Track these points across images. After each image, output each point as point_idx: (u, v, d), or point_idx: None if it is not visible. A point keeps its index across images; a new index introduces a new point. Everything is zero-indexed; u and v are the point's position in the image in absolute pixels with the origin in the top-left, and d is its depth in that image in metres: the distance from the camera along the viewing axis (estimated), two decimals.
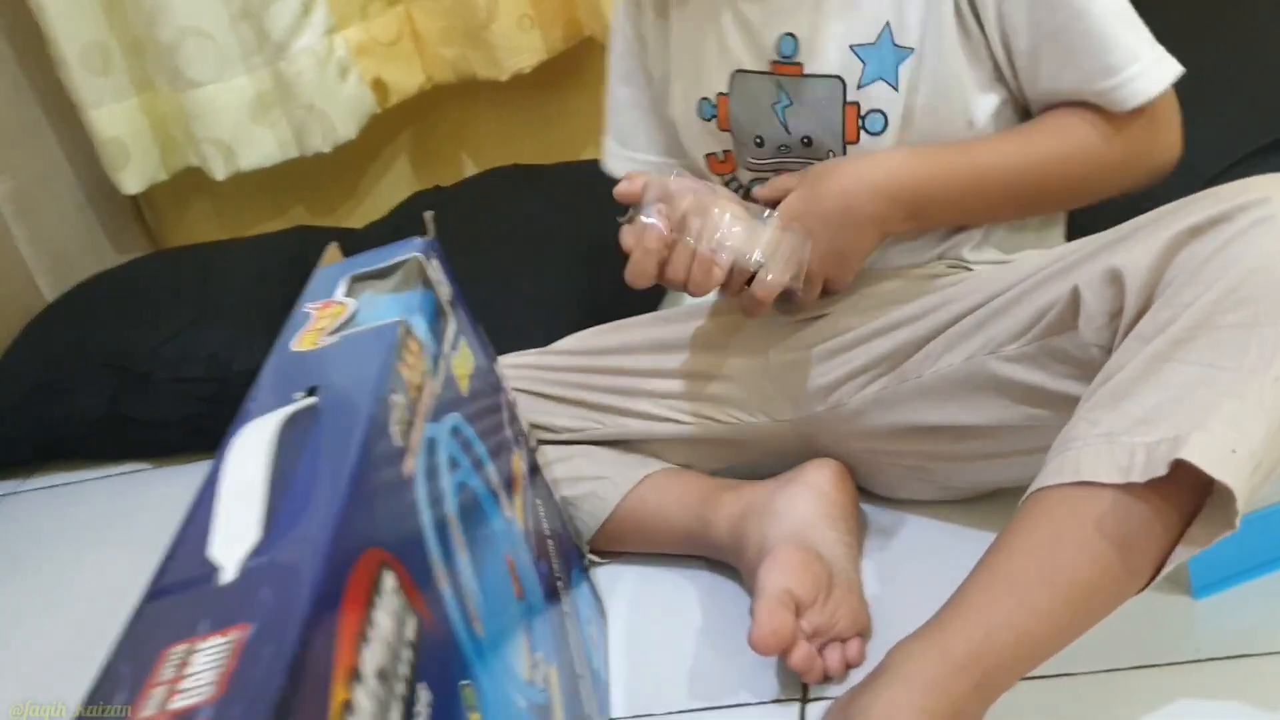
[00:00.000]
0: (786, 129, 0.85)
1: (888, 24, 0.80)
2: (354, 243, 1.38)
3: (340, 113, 1.44)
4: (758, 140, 0.87)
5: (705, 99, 0.88)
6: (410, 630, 0.46)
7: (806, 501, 0.83)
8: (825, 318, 0.88)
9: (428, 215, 0.77)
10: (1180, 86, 0.80)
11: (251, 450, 0.50)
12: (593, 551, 0.92)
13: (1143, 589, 0.62)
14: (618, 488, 0.90)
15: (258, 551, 0.44)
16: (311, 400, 0.54)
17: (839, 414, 0.86)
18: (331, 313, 0.65)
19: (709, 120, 0.88)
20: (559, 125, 1.57)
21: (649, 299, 1.04)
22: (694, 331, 0.93)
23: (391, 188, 1.65)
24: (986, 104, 0.82)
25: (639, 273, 0.79)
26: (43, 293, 1.58)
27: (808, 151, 0.85)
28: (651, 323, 0.97)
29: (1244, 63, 1.05)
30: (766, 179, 0.87)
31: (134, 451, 1.35)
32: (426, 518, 0.53)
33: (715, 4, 0.86)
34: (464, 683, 0.50)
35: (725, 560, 0.87)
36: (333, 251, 0.77)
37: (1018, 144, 0.82)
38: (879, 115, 0.82)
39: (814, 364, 0.87)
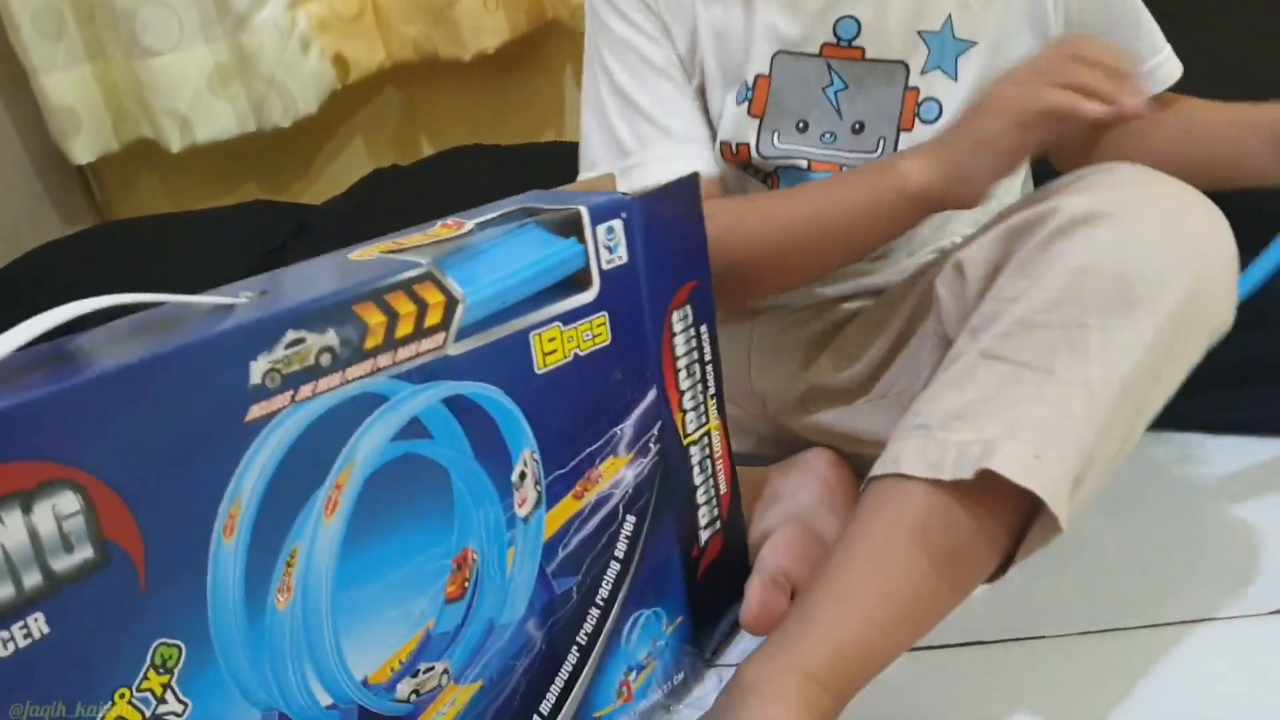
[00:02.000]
0: (839, 114, 0.84)
1: (950, 15, 0.82)
2: (312, 219, 1.40)
3: (301, 87, 1.43)
4: (801, 125, 0.85)
5: (743, 81, 0.84)
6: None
7: (808, 487, 0.84)
8: (810, 321, 0.90)
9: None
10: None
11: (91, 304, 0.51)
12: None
13: (993, 579, 0.65)
14: None
15: None
16: (231, 300, 0.54)
17: (809, 425, 0.89)
18: (438, 234, 0.64)
19: (740, 105, 0.85)
20: (520, 107, 1.57)
21: None
22: None
23: (346, 165, 1.64)
24: None
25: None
26: None
27: (855, 139, 0.84)
28: None
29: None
30: (790, 169, 0.85)
31: None
32: (252, 467, 0.52)
33: None
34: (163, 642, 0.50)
35: None
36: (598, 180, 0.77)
37: None
38: (934, 103, 0.83)
39: (791, 372, 0.90)
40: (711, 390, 0.75)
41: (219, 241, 1.37)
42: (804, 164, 0.85)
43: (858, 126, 0.84)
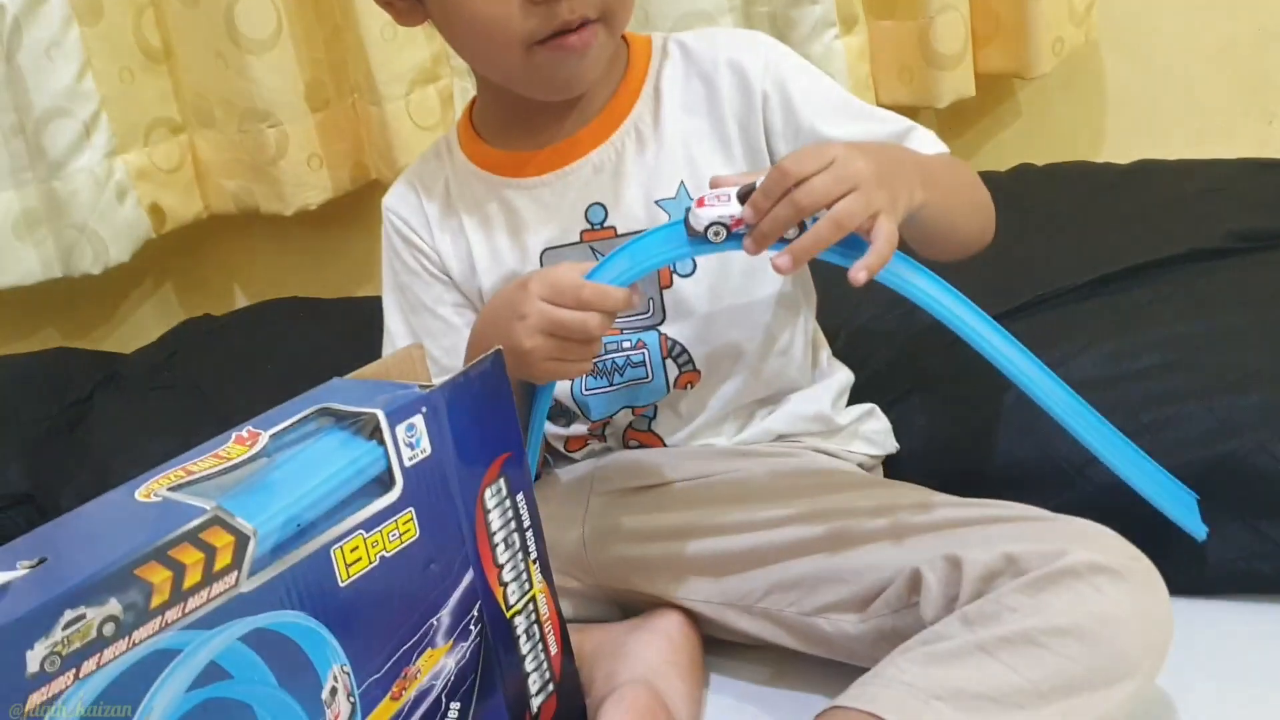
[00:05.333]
0: None
1: (682, 181, 0.89)
2: (121, 368, 1.37)
3: (114, 235, 1.41)
4: None
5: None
6: None
7: (655, 647, 0.84)
8: (647, 494, 0.91)
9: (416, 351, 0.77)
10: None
11: None
12: None
13: None
14: None
15: None
16: (4, 578, 0.52)
17: (643, 591, 0.90)
18: (230, 451, 0.62)
19: None
20: (336, 262, 1.58)
21: None
22: None
23: (152, 313, 1.62)
24: None
25: None
26: None
27: None
28: None
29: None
30: None
31: None
32: None
33: (504, 194, 0.92)
34: None
35: None
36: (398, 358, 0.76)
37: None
38: (688, 260, 0.90)
39: (627, 540, 0.90)
40: (533, 555, 0.75)
41: (20, 391, 1.33)
42: None
43: None
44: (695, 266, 0.90)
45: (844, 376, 0.99)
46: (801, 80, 0.90)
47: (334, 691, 0.62)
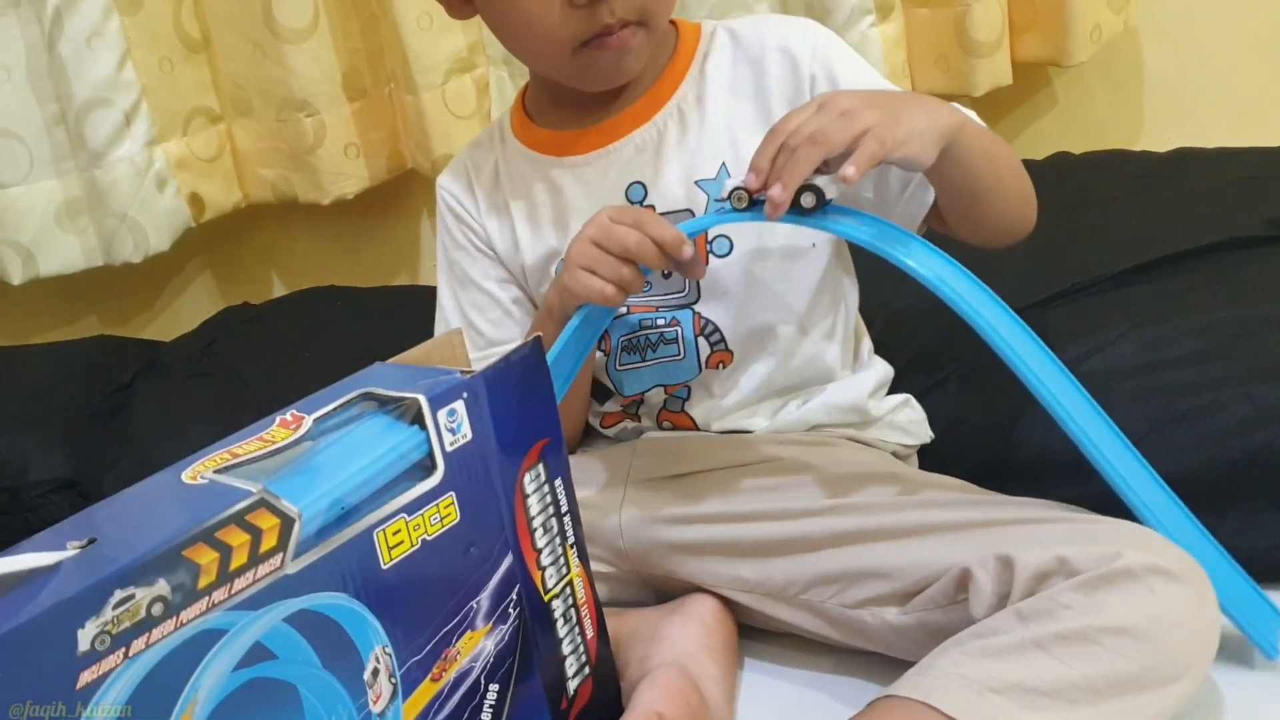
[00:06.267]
0: None
1: (724, 163, 0.90)
2: (161, 355, 1.39)
3: (154, 224, 1.43)
4: None
5: (561, 260, 0.93)
6: None
7: (690, 631, 0.85)
8: (684, 481, 0.92)
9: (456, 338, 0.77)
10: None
11: None
12: None
13: None
14: None
15: None
16: (56, 558, 0.53)
17: (678, 578, 0.90)
18: (274, 435, 0.63)
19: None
20: (373, 251, 1.59)
21: None
22: None
23: (192, 301, 1.64)
24: None
25: None
26: None
27: (664, 283, 0.92)
28: None
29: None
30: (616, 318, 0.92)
31: None
32: None
33: (550, 173, 0.94)
34: None
35: None
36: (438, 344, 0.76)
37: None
38: (724, 239, 0.91)
39: (661, 525, 0.90)
40: (571, 539, 0.76)
41: (63, 378, 1.35)
42: (625, 310, 0.92)
43: (665, 272, 0.91)
44: (732, 248, 0.91)
45: (883, 370, 0.99)
46: (849, 62, 0.91)
47: (375, 672, 0.63)
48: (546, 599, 0.74)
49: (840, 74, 0.90)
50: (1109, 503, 0.77)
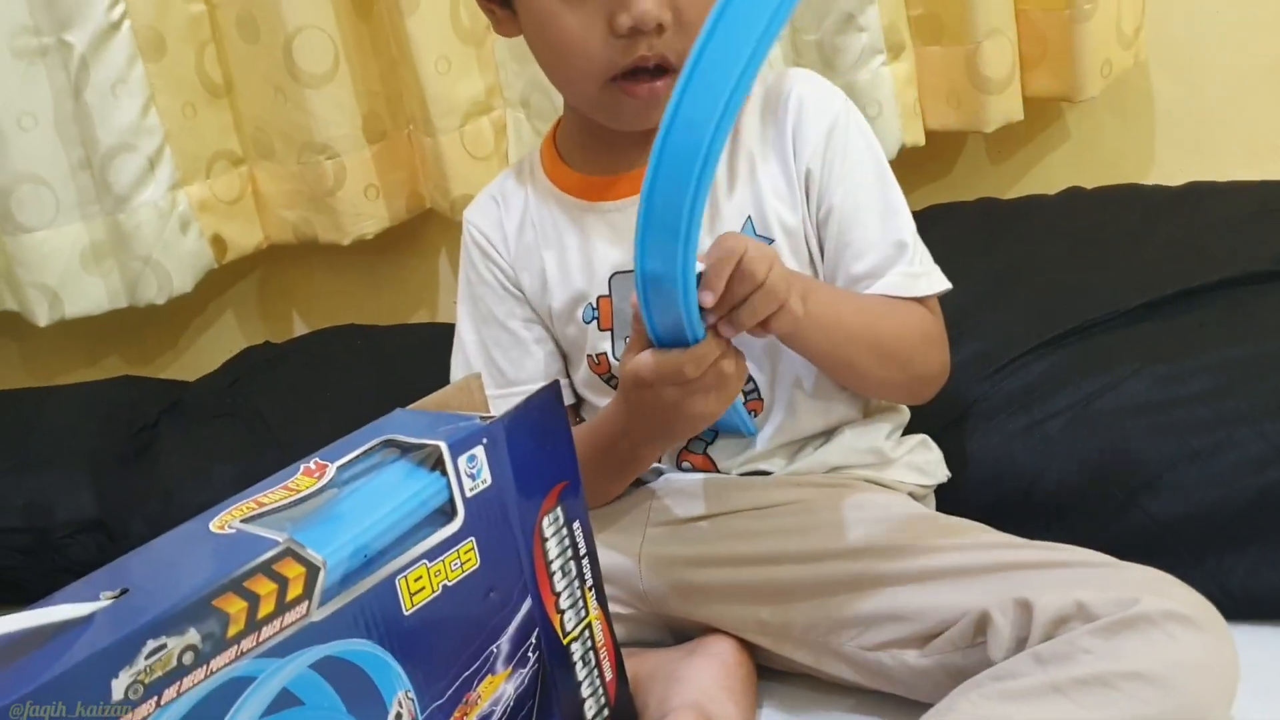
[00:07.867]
0: None
1: (749, 217, 0.91)
2: (185, 395, 1.41)
3: (177, 266, 1.45)
4: None
5: (588, 304, 0.95)
6: None
7: (709, 672, 0.85)
8: (703, 524, 0.93)
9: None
10: (974, 289, 0.90)
11: None
12: None
13: None
14: None
15: None
16: (90, 609, 0.54)
17: (698, 620, 0.91)
18: (299, 483, 0.65)
19: (589, 324, 0.95)
20: (392, 289, 1.61)
21: None
22: None
23: (215, 341, 1.65)
24: None
25: None
26: None
27: None
28: None
29: (1021, 271, 1.16)
30: None
31: None
32: None
33: (580, 219, 0.95)
34: None
35: None
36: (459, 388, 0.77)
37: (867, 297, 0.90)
38: None
39: (681, 567, 0.91)
40: (589, 582, 0.77)
41: (88, 418, 1.37)
42: None
43: None
44: None
45: (901, 411, 1.00)
46: (855, 155, 0.92)
47: (399, 717, 0.64)
48: (565, 642, 0.75)
49: (836, 166, 0.91)
50: (1127, 545, 0.78)
